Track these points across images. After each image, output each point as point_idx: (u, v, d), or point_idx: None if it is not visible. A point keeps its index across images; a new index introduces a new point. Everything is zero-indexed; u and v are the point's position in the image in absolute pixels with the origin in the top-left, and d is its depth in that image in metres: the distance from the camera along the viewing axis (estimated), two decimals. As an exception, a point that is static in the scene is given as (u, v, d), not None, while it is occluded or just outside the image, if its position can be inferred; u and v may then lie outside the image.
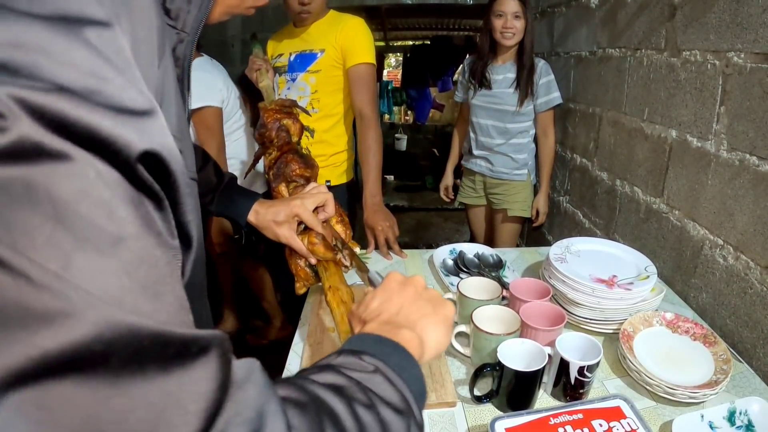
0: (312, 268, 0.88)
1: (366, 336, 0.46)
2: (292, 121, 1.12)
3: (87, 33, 0.27)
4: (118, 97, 0.27)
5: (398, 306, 0.51)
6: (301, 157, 1.04)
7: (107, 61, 0.27)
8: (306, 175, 1.02)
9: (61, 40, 0.25)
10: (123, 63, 0.29)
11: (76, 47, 0.26)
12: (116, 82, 0.27)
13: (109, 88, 0.26)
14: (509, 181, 2.00)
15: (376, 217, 1.38)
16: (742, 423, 0.74)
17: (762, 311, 0.92)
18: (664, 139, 1.25)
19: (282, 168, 1.02)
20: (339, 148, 1.68)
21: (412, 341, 0.45)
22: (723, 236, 1.04)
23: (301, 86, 1.62)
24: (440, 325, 0.50)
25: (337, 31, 1.56)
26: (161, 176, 0.29)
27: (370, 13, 3.23)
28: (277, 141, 1.07)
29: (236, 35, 2.81)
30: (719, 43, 1.03)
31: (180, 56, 0.48)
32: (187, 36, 0.48)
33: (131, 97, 0.28)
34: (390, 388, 0.38)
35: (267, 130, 1.07)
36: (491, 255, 1.27)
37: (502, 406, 0.79)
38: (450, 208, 4.30)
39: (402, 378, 0.40)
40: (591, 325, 0.99)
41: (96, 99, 0.25)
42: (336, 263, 0.89)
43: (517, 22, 1.78)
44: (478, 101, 1.96)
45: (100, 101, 0.26)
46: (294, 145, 1.09)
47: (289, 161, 1.02)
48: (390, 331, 0.46)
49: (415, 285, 0.54)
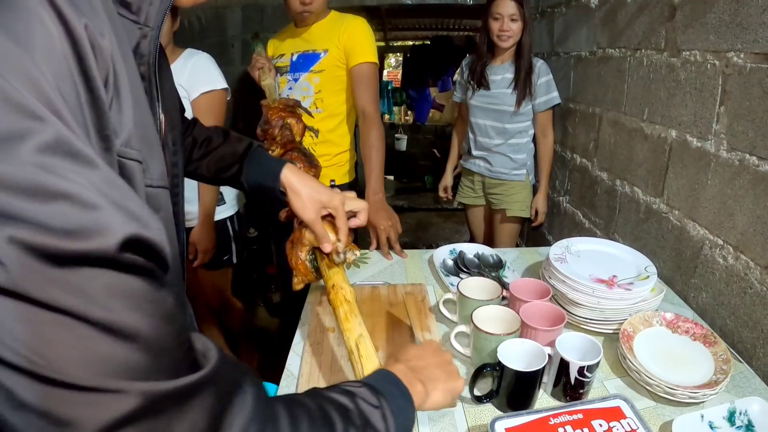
0: (313, 263, 0.87)
1: (390, 375, 0.57)
2: (296, 121, 1.12)
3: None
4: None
5: (426, 364, 0.63)
6: (305, 156, 1.04)
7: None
8: (310, 173, 1.02)
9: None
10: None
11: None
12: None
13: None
14: (508, 181, 2.00)
15: (379, 216, 1.38)
16: (742, 423, 0.74)
17: (762, 311, 0.92)
18: (664, 139, 1.26)
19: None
20: (343, 148, 1.69)
21: (420, 394, 0.58)
22: (723, 236, 1.04)
23: (305, 86, 1.63)
24: (446, 393, 0.63)
25: (340, 31, 1.56)
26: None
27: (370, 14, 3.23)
28: (281, 139, 1.07)
29: (236, 35, 2.81)
30: (719, 43, 1.03)
31: (144, 53, 0.45)
32: (150, 30, 0.45)
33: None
34: (382, 424, 0.49)
35: (271, 127, 1.07)
36: (491, 255, 1.27)
37: (502, 406, 0.79)
38: (450, 208, 4.30)
39: (395, 418, 0.50)
40: (591, 325, 0.99)
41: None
42: (333, 252, 0.87)
43: (513, 25, 1.78)
44: (476, 101, 1.96)
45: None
46: (296, 143, 1.09)
47: (294, 159, 1.01)
48: (409, 379, 0.58)
49: (446, 357, 0.68)
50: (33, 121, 0.27)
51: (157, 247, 0.32)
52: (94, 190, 0.29)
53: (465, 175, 2.17)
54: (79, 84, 0.32)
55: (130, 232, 0.29)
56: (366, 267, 1.30)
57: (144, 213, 0.32)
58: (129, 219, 0.30)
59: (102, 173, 0.30)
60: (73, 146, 0.29)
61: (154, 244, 0.32)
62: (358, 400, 0.49)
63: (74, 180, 0.28)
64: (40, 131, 0.27)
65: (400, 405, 0.52)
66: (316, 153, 1.64)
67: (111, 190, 0.30)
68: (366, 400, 0.49)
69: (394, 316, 1.05)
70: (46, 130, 0.27)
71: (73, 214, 0.27)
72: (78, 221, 0.27)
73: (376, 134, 1.51)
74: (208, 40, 2.82)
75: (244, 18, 2.76)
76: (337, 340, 0.96)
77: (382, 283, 1.19)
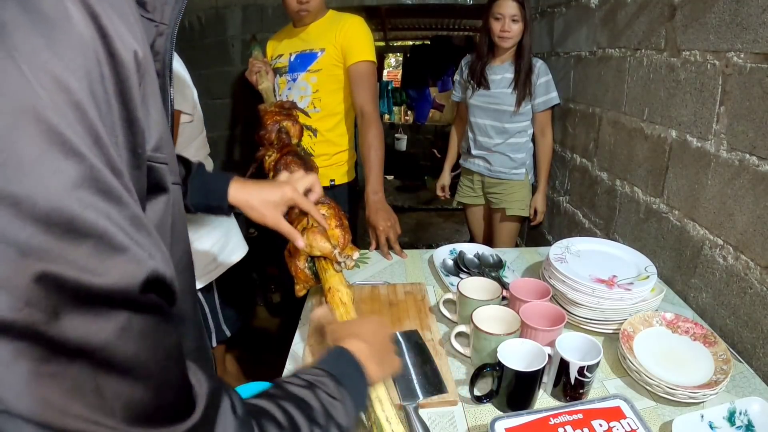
0: (312, 269, 0.87)
1: (351, 359, 0.58)
2: (292, 123, 1.13)
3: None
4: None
5: (378, 343, 0.64)
6: (300, 159, 1.04)
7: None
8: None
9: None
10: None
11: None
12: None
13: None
14: (507, 181, 2.00)
15: (378, 216, 1.38)
16: (742, 423, 0.74)
17: (762, 311, 0.92)
18: (664, 139, 1.26)
19: (281, 170, 1.02)
20: (342, 147, 1.69)
21: (375, 374, 0.59)
22: (723, 236, 1.04)
23: (302, 86, 1.62)
24: (383, 374, 0.64)
25: (337, 30, 1.56)
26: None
27: (370, 13, 3.23)
28: (278, 143, 1.07)
29: (236, 35, 2.81)
30: (719, 43, 1.03)
31: (160, 50, 0.46)
32: (166, 28, 0.46)
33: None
34: (344, 416, 0.50)
35: (267, 132, 1.08)
36: (491, 255, 1.27)
37: (502, 406, 0.79)
38: (450, 208, 4.31)
39: (356, 407, 0.53)
40: (591, 325, 0.99)
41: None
42: (331, 260, 0.87)
43: (514, 25, 1.78)
44: (476, 101, 1.96)
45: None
46: (293, 146, 1.09)
47: (289, 163, 1.02)
48: (366, 358, 0.58)
49: (389, 335, 0.68)
50: (71, 154, 0.27)
51: (167, 282, 0.32)
52: (122, 229, 0.29)
53: (464, 174, 2.17)
54: (116, 106, 0.32)
55: (149, 270, 0.30)
56: (366, 267, 1.30)
57: (160, 249, 0.32)
58: (149, 258, 0.30)
59: (129, 211, 0.30)
60: (106, 182, 0.29)
61: (166, 280, 0.32)
62: (321, 394, 0.49)
63: (106, 218, 0.28)
64: (76, 165, 0.27)
65: (359, 389, 0.55)
66: (315, 152, 1.64)
67: (136, 230, 0.30)
68: (328, 393, 0.50)
69: (394, 316, 1.05)
70: (83, 164, 0.27)
71: (102, 253, 0.28)
72: (106, 261, 0.28)
73: (374, 133, 1.51)
74: (208, 40, 2.82)
75: (244, 18, 2.75)
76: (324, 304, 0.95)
77: (382, 283, 1.19)
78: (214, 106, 2.90)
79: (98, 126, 0.29)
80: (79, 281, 0.26)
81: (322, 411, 0.48)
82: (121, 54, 0.32)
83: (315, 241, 0.83)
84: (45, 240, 0.26)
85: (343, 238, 0.94)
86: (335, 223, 0.94)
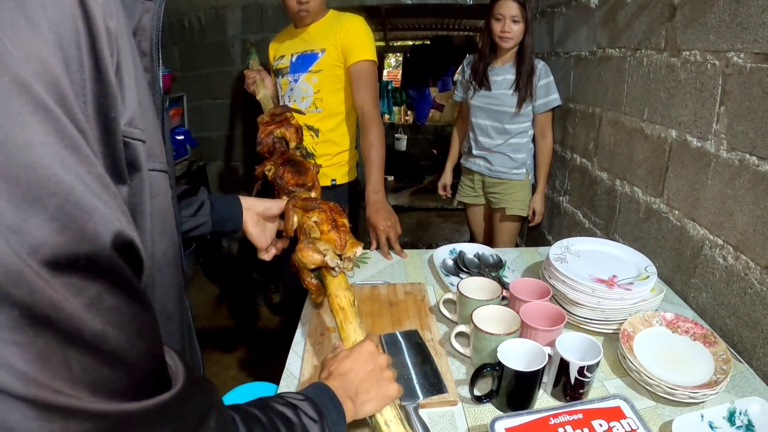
0: (318, 278, 0.87)
1: (327, 390, 0.61)
2: (286, 128, 1.13)
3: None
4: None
5: (359, 377, 0.65)
6: (293, 166, 1.04)
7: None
8: (299, 182, 1.03)
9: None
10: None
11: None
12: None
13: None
14: (508, 181, 2.01)
15: (378, 216, 1.38)
16: (742, 423, 0.74)
17: (762, 311, 0.92)
18: (664, 139, 1.26)
19: (279, 182, 1.03)
20: (343, 147, 1.69)
21: (350, 412, 0.62)
22: (723, 236, 1.04)
23: (304, 87, 1.63)
24: (379, 402, 0.65)
25: (337, 30, 1.56)
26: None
27: (370, 13, 3.23)
28: (274, 154, 1.09)
29: (236, 35, 2.81)
30: (719, 43, 1.03)
31: (146, 28, 0.46)
32: (153, 5, 0.46)
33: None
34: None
35: (262, 146, 1.10)
36: (491, 255, 1.28)
37: (502, 406, 0.79)
38: (450, 208, 4.30)
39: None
40: (591, 325, 0.99)
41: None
42: (327, 268, 0.86)
43: (515, 26, 1.78)
44: (477, 102, 1.96)
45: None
46: (288, 153, 1.09)
47: (282, 174, 1.03)
48: (341, 396, 0.61)
49: (379, 362, 0.67)
50: (39, 109, 0.26)
51: (135, 246, 0.31)
52: (89, 187, 0.28)
53: (465, 174, 2.17)
54: (88, 64, 0.31)
55: (116, 231, 0.29)
56: (366, 267, 1.30)
57: (125, 213, 0.31)
58: (116, 219, 0.29)
59: (96, 170, 0.29)
60: (72, 137, 0.28)
61: (134, 244, 0.31)
62: (301, 414, 0.53)
63: (74, 175, 0.27)
64: (43, 121, 0.26)
65: (335, 420, 0.58)
66: (317, 153, 1.64)
67: (103, 189, 0.29)
68: (308, 415, 0.53)
69: (394, 316, 1.05)
70: (49, 117, 0.26)
71: (68, 212, 0.26)
72: (73, 222, 0.27)
73: (375, 133, 1.51)
74: (207, 40, 2.82)
75: (244, 18, 2.76)
76: (338, 340, 0.96)
77: (382, 283, 1.19)
78: (214, 106, 2.91)
79: (64, 82, 0.28)
80: (45, 242, 0.25)
81: (302, 428, 0.51)
82: (95, 14, 0.31)
83: (305, 258, 0.82)
84: (9, 198, 0.24)
85: (339, 240, 0.90)
86: (328, 228, 0.91)
